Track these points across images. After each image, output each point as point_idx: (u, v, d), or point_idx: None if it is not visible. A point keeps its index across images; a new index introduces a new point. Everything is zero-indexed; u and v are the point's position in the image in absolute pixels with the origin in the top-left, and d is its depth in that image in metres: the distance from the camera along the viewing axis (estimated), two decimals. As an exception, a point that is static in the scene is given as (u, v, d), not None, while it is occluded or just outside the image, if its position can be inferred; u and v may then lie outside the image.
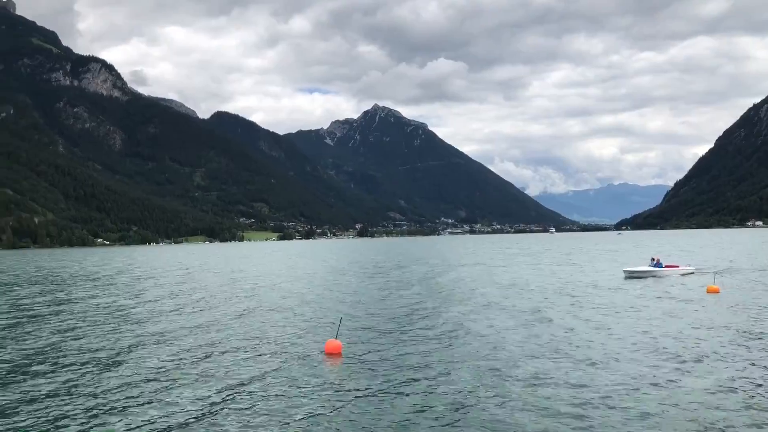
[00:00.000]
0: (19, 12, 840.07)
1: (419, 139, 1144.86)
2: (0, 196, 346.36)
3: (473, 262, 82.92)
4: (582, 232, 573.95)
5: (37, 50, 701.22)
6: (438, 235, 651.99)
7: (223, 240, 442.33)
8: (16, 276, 75.56)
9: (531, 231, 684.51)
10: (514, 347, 22.20)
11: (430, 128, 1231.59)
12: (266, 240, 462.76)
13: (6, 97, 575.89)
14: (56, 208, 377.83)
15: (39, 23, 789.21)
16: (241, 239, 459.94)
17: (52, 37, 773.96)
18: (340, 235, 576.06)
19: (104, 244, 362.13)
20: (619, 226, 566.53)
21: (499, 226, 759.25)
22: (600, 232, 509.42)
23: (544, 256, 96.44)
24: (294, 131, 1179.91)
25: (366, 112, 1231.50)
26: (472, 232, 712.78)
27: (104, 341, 25.25)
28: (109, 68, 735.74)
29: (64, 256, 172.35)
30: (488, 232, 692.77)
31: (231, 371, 19.29)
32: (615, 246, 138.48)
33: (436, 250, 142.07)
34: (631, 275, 50.22)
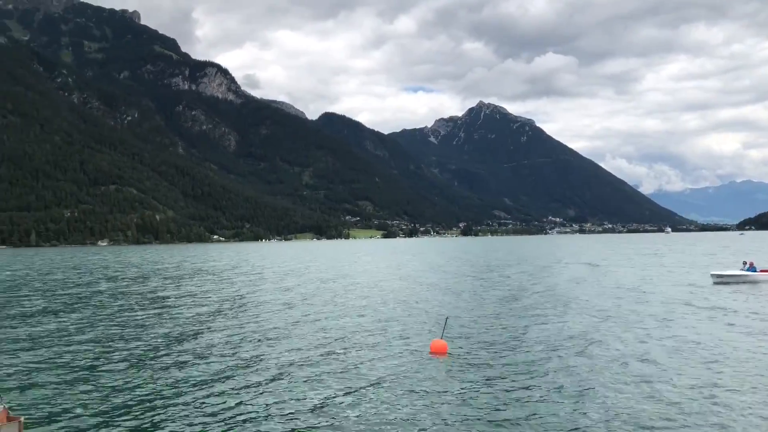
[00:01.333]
0: (143, 22, 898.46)
1: (526, 136, 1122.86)
2: (125, 194, 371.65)
3: (584, 262, 80.00)
4: (701, 232, 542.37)
5: (159, 57, 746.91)
6: (545, 234, 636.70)
7: (330, 237, 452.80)
8: (177, 268, 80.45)
9: (645, 231, 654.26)
10: (626, 353, 20.96)
11: (538, 124, 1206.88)
12: (370, 238, 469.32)
13: (132, 102, 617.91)
14: (176, 206, 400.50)
15: (161, 32, 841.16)
16: (347, 237, 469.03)
17: (172, 44, 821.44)
18: (444, 233, 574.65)
19: (219, 241, 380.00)
20: (742, 226, 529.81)
21: (610, 226, 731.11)
22: (720, 233, 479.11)
23: (668, 257, 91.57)
24: (398, 130, 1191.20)
25: (471, 110, 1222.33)
26: (581, 231, 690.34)
27: (227, 334, 26.15)
28: (224, 72, 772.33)
29: (198, 251, 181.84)
30: (599, 232, 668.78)
31: (337, 368, 19.33)
32: (742, 246, 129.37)
33: (544, 250, 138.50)
34: (720, 280, 45.24)
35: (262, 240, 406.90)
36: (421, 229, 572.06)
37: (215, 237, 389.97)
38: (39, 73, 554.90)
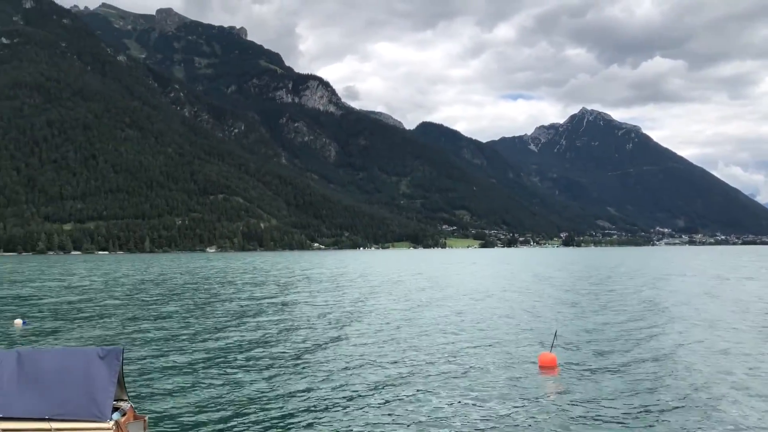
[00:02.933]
0: (249, 38, 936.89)
1: (631, 143, 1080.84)
2: (232, 203, 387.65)
3: (697, 275, 75.76)
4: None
5: (264, 71, 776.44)
6: (652, 245, 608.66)
7: (426, 246, 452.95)
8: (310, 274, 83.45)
9: (762, 242, 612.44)
10: (741, 372, 19.52)
11: (644, 131, 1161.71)
12: (467, 247, 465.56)
13: (238, 115, 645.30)
14: (279, 214, 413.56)
15: (266, 47, 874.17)
16: (443, 246, 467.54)
17: (276, 58, 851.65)
18: (544, 243, 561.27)
19: (319, 248, 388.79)
20: None
21: (723, 237, 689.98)
22: None
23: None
24: (497, 138, 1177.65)
25: (573, 117, 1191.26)
26: (691, 243, 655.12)
27: (335, 338, 26.65)
28: (325, 85, 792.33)
29: (303, 258, 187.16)
30: (711, 244, 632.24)
31: (444, 380, 19.21)
32: None
33: (653, 262, 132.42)
34: None
35: (359, 248, 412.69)
36: (520, 239, 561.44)
37: (315, 245, 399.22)
38: (154, 89, 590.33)
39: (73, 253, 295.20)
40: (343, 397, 17.10)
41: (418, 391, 17.77)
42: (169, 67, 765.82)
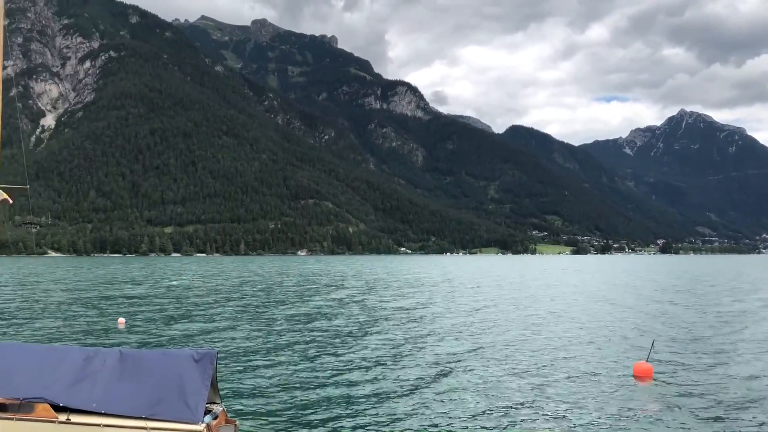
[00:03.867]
0: (340, 45, 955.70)
1: (735, 146, 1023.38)
2: (322, 208, 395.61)
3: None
4: None
5: (353, 78, 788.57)
6: (758, 253, 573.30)
7: (515, 252, 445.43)
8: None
9: None
10: None
11: (749, 133, 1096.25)
12: (559, 254, 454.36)
13: (329, 122, 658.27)
14: (367, 219, 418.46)
15: (356, 54, 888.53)
16: (533, 252, 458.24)
17: (366, 65, 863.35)
18: (640, 251, 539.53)
19: (406, 253, 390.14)
20: None
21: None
22: None
23: None
24: (590, 141, 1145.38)
25: (671, 119, 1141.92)
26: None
27: (435, 342, 26.73)
28: (414, 90, 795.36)
29: (394, 262, 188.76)
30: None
31: (536, 389, 18.89)
32: None
33: (758, 271, 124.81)
34: None
35: (446, 253, 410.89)
36: (615, 245, 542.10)
37: (402, 249, 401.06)
38: (249, 98, 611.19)
39: (173, 255, 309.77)
40: (436, 399, 17.13)
41: (510, 397, 17.65)
42: (264, 77, 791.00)
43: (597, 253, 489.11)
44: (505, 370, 21.36)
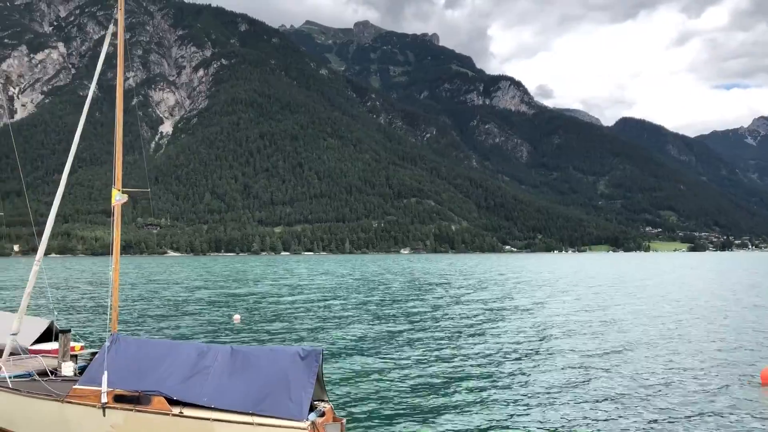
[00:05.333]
0: (441, 43, 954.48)
1: None
2: (425, 206, 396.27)
3: None
4: None
5: (455, 75, 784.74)
6: None
7: (627, 250, 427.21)
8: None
9: None
10: None
11: None
12: (674, 251, 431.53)
13: (430, 120, 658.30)
14: (470, 217, 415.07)
15: (457, 51, 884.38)
16: (647, 249, 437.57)
17: (467, 62, 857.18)
18: (765, 247, 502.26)
19: (511, 251, 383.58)
20: None
21: None
22: None
23: None
24: (707, 132, 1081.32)
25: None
26: None
27: (561, 341, 26.17)
28: (517, 85, 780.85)
29: (504, 261, 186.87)
30: None
31: (661, 390, 18.11)
32: None
33: None
34: None
35: (553, 251, 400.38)
36: (736, 242, 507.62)
37: (507, 247, 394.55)
38: (352, 99, 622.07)
39: (282, 253, 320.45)
40: (553, 402, 16.70)
41: (634, 400, 17.04)
42: (366, 77, 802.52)
43: (716, 250, 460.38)
44: (629, 374, 20.47)
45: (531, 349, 25.27)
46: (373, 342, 27.03)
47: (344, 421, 12.42)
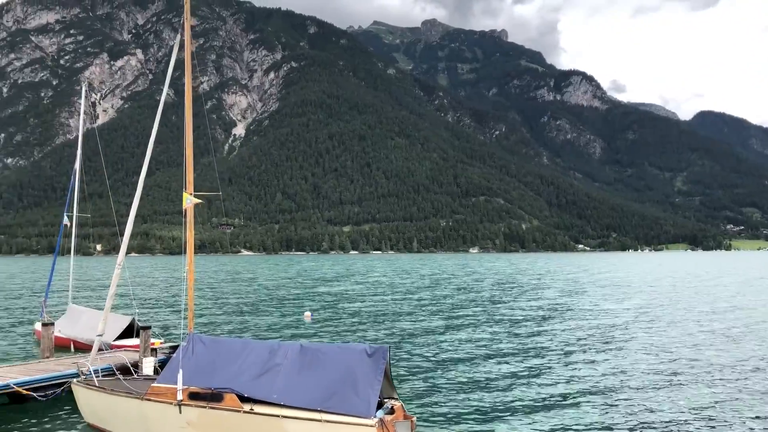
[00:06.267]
0: (510, 39, 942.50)
1: None
2: (494, 204, 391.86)
3: None
4: None
5: (524, 71, 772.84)
6: None
7: (707, 249, 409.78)
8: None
9: None
10: None
11: None
12: (758, 249, 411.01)
13: (499, 117, 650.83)
14: (540, 215, 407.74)
15: (527, 47, 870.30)
16: (728, 248, 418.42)
17: (537, 57, 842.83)
18: None
19: (584, 250, 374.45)
20: None
21: None
22: None
23: None
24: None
25: None
26: None
27: (628, 346, 25.53)
28: (589, 79, 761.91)
29: (578, 261, 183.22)
30: None
31: (740, 396, 17.25)
32: None
33: None
34: None
35: (628, 250, 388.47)
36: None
37: (580, 246, 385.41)
38: (420, 98, 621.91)
39: (351, 252, 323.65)
40: (633, 409, 16.05)
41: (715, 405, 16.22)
42: (434, 76, 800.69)
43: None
44: (727, 386, 19.48)
45: (611, 352, 24.39)
46: (444, 340, 26.84)
47: (414, 418, 12.44)
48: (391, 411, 12.00)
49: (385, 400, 12.30)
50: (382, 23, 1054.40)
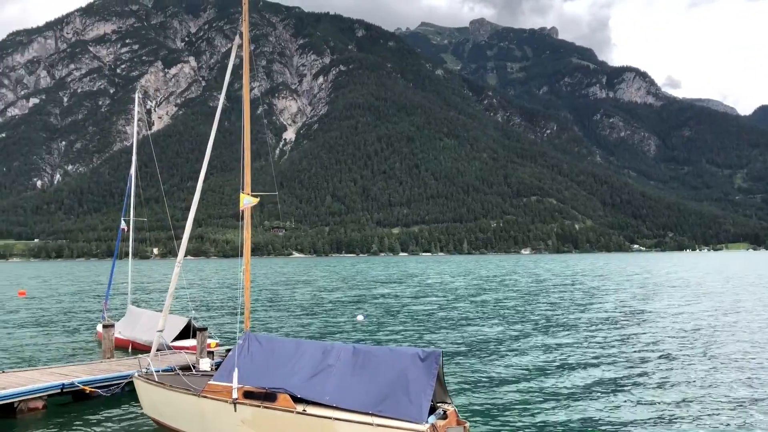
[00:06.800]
0: (561, 36, 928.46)
1: None
2: (546, 204, 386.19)
3: None
4: None
5: (575, 68, 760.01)
6: None
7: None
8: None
9: None
10: None
11: None
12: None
13: (550, 115, 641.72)
14: (594, 215, 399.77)
15: (577, 44, 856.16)
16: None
17: (588, 54, 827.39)
18: None
19: (639, 251, 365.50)
20: None
21: None
22: None
23: None
24: None
25: None
26: None
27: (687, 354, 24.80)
28: (643, 75, 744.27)
29: (639, 261, 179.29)
30: None
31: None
32: None
33: None
34: None
35: (686, 250, 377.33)
36: None
37: (635, 246, 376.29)
38: (468, 98, 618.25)
39: (400, 254, 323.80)
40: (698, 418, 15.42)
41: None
42: (483, 75, 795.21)
43: None
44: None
45: (677, 358, 23.47)
46: (498, 345, 26.20)
47: (467, 424, 12.22)
48: (444, 416, 11.77)
49: (438, 405, 12.15)
50: (429, 24, 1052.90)
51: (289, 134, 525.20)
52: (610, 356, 23.34)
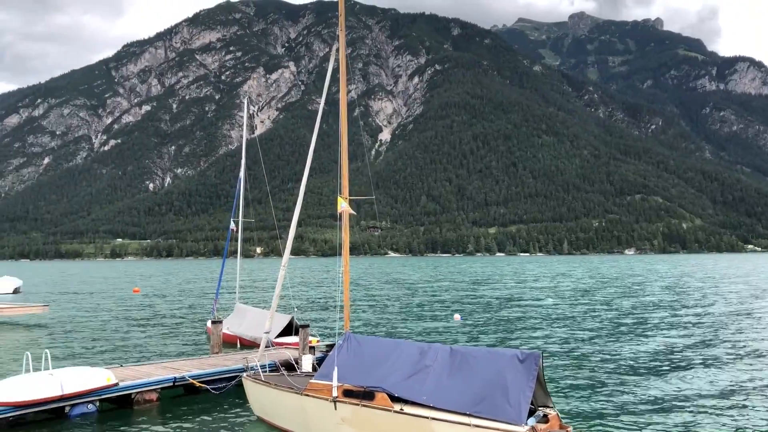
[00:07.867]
0: (666, 27, 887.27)
1: None
2: (651, 203, 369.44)
3: None
4: None
5: (682, 60, 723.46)
6: None
7: None
8: None
9: None
10: None
11: None
12: None
13: (655, 110, 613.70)
14: (704, 213, 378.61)
15: (684, 34, 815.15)
16: None
17: (697, 45, 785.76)
18: None
19: (755, 251, 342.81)
20: None
21: None
22: None
23: None
24: None
25: None
26: None
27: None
28: (758, 65, 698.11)
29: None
30: None
31: None
32: None
33: None
34: None
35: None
36: None
37: (749, 247, 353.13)
38: (568, 93, 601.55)
39: (497, 254, 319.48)
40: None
41: None
42: (583, 70, 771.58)
43: None
44: None
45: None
46: (603, 349, 25.16)
47: (571, 428, 11.92)
48: (545, 420, 11.58)
49: (539, 409, 11.99)
50: (527, 20, 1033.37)
51: (385, 135, 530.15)
52: (728, 361, 22.03)
